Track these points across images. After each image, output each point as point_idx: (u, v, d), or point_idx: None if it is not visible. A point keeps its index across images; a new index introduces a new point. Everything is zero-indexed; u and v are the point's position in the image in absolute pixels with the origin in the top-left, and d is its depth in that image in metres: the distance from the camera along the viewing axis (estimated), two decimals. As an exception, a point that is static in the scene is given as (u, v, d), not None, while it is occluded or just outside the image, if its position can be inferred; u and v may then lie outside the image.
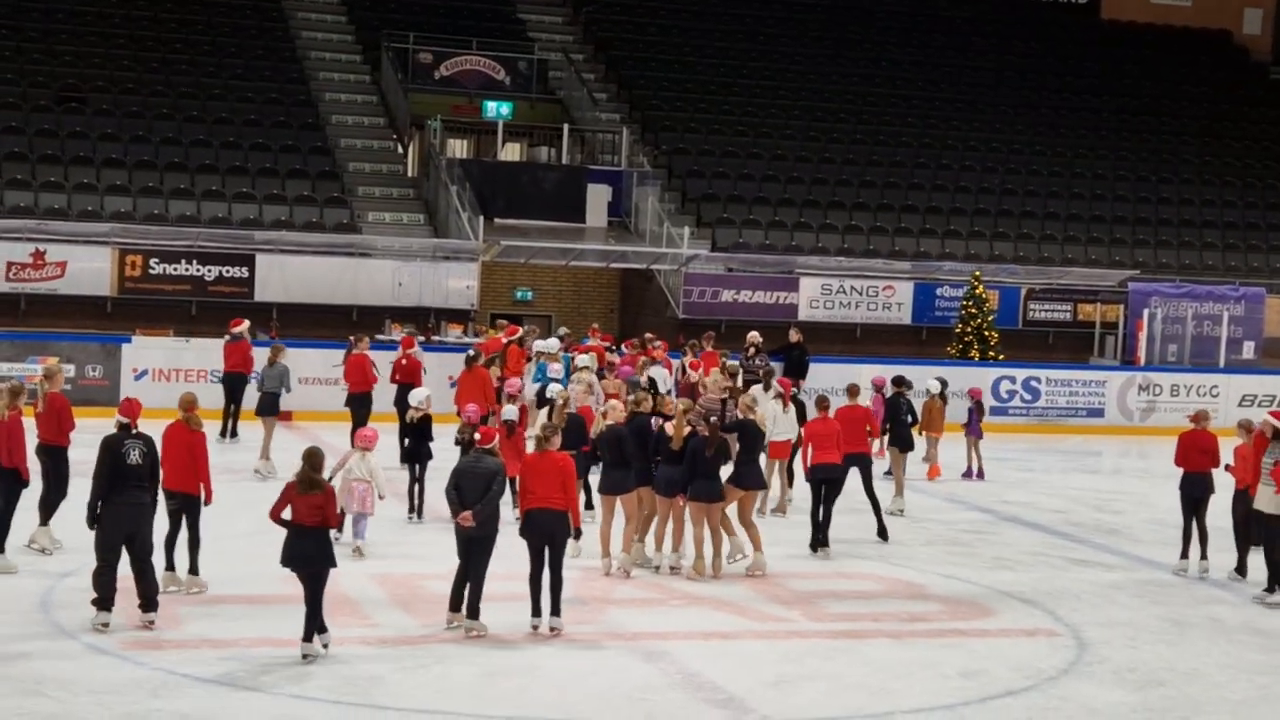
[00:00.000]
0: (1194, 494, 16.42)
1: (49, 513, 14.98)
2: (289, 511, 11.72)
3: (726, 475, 15.48)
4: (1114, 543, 18.75)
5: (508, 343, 24.01)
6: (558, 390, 17.71)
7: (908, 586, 15.52)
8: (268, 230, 31.05)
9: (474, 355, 21.75)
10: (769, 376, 20.38)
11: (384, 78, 36.98)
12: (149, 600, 12.39)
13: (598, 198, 33.70)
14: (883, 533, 17.75)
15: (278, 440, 20.75)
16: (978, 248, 36.24)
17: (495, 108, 35.57)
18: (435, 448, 17.69)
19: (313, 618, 11.66)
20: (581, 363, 21.36)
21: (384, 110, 36.54)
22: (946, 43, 44.37)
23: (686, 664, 12.18)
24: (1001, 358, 31.40)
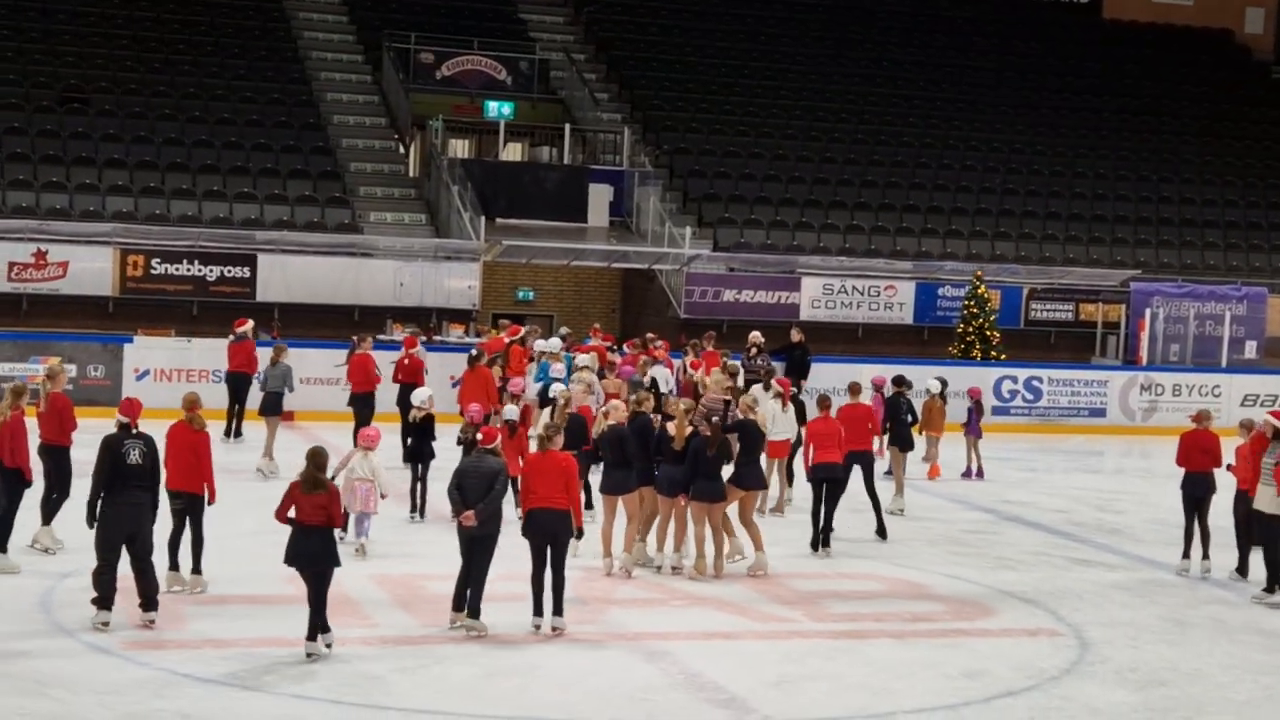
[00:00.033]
0: (1196, 494, 16.41)
1: (51, 513, 14.99)
2: (294, 511, 11.73)
3: (727, 475, 15.48)
4: (1116, 543, 18.74)
5: (510, 342, 23.97)
6: (560, 390, 17.71)
7: (910, 586, 15.52)
8: (269, 230, 31.05)
9: (477, 355, 21.73)
10: (769, 376, 20.38)
11: (385, 78, 36.97)
12: (149, 599, 12.40)
13: (599, 198, 33.68)
14: (882, 532, 17.76)
15: (280, 440, 20.76)
16: (979, 247, 36.22)
17: (497, 108, 35.56)
18: (438, 447, 17.73)
19: (316, 617, 11.67)
20: (581, 362, 21.34)
21: (385, 110, 36.52)
22: (948, 42, 44.32)
23: (688, 664, 12.17)
24: (1003, 358, 31.36)
